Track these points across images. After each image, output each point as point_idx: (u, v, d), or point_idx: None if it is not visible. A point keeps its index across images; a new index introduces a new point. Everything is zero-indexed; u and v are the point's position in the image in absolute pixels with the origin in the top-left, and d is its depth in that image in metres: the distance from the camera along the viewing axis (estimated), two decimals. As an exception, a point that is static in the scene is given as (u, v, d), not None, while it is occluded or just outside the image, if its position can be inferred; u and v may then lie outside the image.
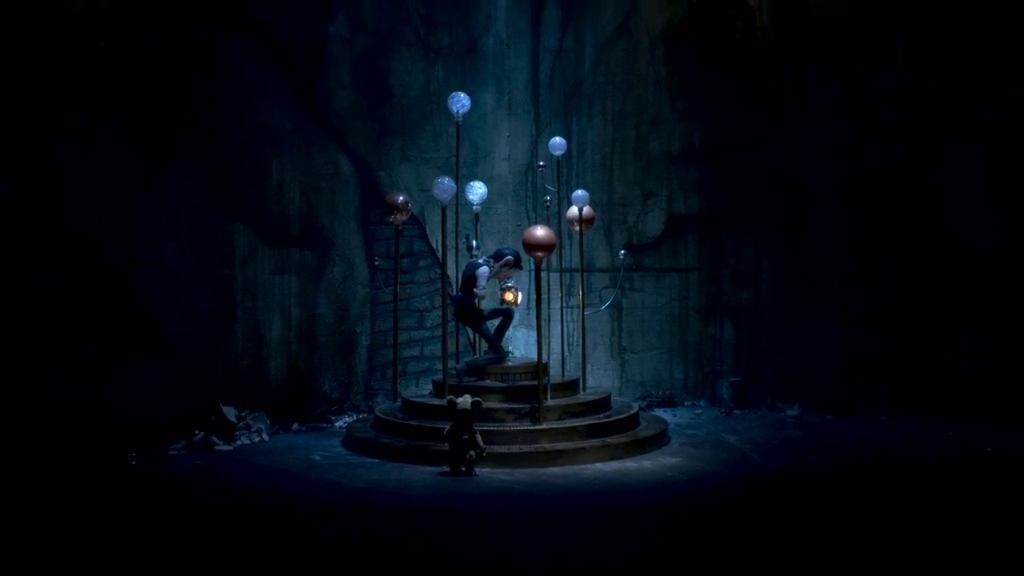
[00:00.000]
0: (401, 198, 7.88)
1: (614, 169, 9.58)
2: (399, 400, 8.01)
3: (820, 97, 9.08)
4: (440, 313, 8.40)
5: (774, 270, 9.36)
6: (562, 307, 8.92)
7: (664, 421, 8.13)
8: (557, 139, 8.52)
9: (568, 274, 9.08)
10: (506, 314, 8.07)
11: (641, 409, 8.41)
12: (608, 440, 7.24)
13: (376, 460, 7.09)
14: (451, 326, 8.33)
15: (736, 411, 9.06)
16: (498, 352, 7.94)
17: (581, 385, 8.21)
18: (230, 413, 7.90)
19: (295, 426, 8.38)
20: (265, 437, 7.92)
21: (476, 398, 6.79)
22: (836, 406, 8.86)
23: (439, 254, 8.90)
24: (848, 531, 5.26)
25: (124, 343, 7.52)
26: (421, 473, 6.69)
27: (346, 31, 8.91)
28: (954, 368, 8.56)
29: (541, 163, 8.70)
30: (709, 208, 9.49)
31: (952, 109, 8.53)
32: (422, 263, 9.28)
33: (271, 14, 8.53)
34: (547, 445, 7.05)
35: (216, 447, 7.53)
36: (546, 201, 8.55)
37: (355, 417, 8.63)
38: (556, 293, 9.00)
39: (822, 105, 9.07)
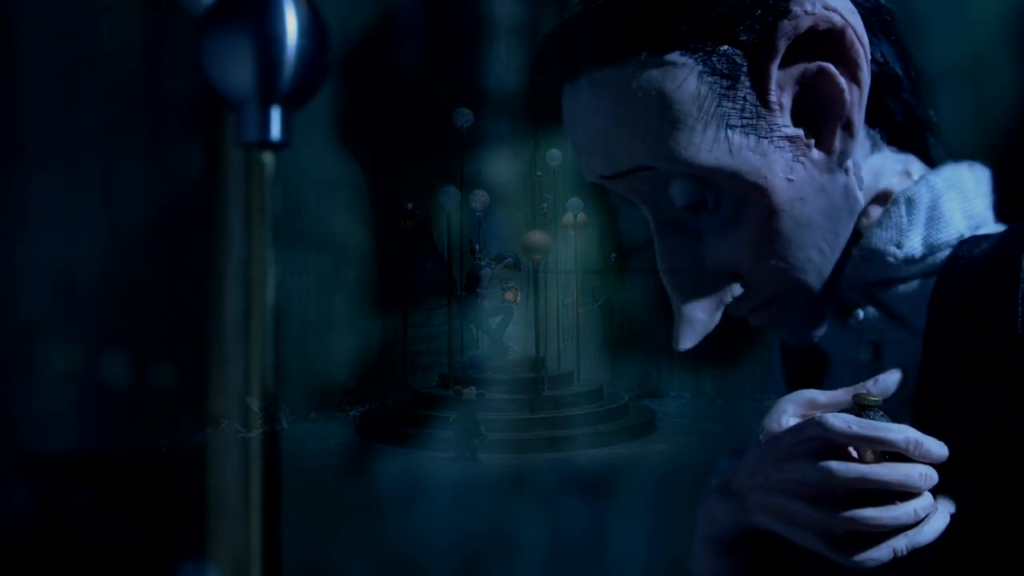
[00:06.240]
0: (411, 205, 7.90)
1: (606, 179, 9.54)
2: (408, 391, 8.00)
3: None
4: (447, 311, 8.44)
5: (752, 271, 9.35)
6: (558, 305, 8.79)
7: (652, 411, 8.12)
8: (554, 150, 8.45)
9: (563, 275, 8.98)
10: (507, 312, 8.07)
11: (630, 400, 8.38)
12: (600, 428, 7.23)
13: (387, 446, 7.05)
14: (456, 323, 8.33)
15: (718, 401, 9.00)
16: (499, 347, 7.92)
17: (575, 377, 8.20)
18: (252, 403, 7.80)
19: (312, 415, 8.33)
20: (285, 425, 7.86)
21: (480, 389, 6.77)
22: (811, 396, 8.84)
23: (446, 257, 8.86)
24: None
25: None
26: (429, 458, 6.64)
27: (360, 52, 8.84)
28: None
29: (539, 173, 8.67)
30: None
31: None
32: (430, 265, 9.19)
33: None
34: (544, 432, 7.02)
35: (239, 434, 7.44)
36: (543, 208, 8.51)
37: (368, 407, 8.58)
38: (553, 292, 8.88)
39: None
